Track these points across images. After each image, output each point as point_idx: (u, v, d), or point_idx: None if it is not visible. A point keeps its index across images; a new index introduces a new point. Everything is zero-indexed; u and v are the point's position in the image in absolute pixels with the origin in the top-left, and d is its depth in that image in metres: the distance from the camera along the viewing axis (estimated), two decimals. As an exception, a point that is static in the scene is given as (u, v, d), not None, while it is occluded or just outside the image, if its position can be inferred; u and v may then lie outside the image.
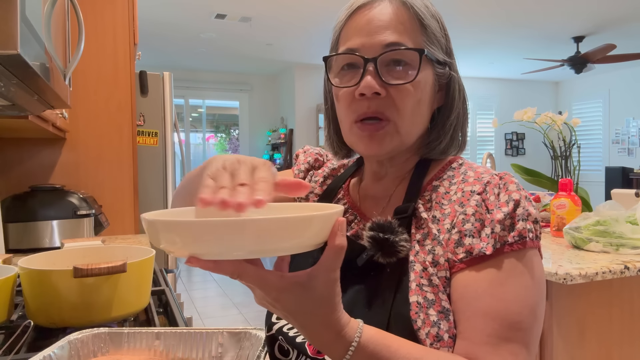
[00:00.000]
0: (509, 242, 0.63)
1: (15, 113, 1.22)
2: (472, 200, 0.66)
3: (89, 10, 2.22)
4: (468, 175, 0.71)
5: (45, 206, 1.87)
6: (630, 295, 1.50)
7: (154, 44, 5.83)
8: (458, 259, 0.64)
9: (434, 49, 0.71)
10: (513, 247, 0.63)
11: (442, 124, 0.75)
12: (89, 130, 2.27)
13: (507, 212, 0.64)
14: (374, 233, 0.66)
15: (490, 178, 0.68)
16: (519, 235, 0.63)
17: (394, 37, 0.68)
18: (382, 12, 0.69)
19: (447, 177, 0.73)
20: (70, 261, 1.00)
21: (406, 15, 0.70)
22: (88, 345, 0.67)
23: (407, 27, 0.69)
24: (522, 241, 0.63)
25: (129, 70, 2.33)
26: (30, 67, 0.71)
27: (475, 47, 6.19)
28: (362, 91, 0.68)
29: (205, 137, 8.02)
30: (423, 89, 0.70)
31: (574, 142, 2.36)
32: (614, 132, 7.74)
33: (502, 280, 0.62)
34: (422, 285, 0.64)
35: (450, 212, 0.68)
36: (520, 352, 0.60)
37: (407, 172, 0.76)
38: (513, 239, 0.63)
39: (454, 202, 0.68)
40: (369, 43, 0.68)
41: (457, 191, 0.69)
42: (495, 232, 0.63)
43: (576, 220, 1.71)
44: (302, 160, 0.90)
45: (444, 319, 0.62)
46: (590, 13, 4.89)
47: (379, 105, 0.68)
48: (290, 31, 5.41)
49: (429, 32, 0.71)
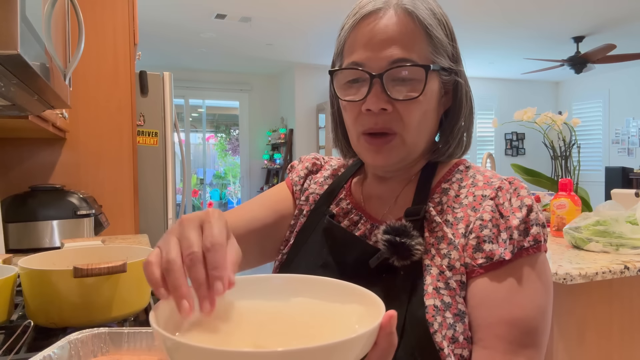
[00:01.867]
0: (526, 247, 0.64)
1: (15, 113, 1.22)
2: (485, 205, 0.67)
3: (89, 10, 2.22)
4: (477, 179, 0.72)
5: (45, 206, 1.87)
6: (630, 295, 1.50)
7: (154, 44, 5.83)
8: (477, 264, 0.64)
9: (440, 58, 0.71)
10: (529, 252, 0.64)
11: (450, 129, 0.75)
12: (89, 130, 2.27)
13: (521, 217, 0.65)
14: (390, 237, 0.66)
15: (501, 183, 0.69)
16: (534, 240, 0.65)
17: (400, 52, 0.67)
18: (388, 24, 0.68)
19: (456, 180, 0.73)
20: (70, 261, 1.00)
21: (411, 27, 0.69)
22: (88, 345, 0.67)
23: (413, 40, 0.68)
24: (537, 245, 0.65)
25: (129, 70, 2.33)
26: (30, 67, 0.71)
27: (475, 47, 6.19)
28: (369, 107, 0.68)
29: (205, 137, 8.02)
30: (429, 100, 0.71)
31: (574, 142, 2.36)
32: (614, 132, 7.74)
33: (520, 286, 0.63)
34: (439, 288, 0.64)
35: (464, 216, 0.68)
36: (535, 356, 0.62)
37: (413, 174, 0.77)
38: (529, 243, 0.64)
39: (466, 207, 0.69)
40: (374, 58, 0.68)
41: (468, 195, 0.70)
42: (514, 237, 0.64)
43: (576, 220, 1.71)
44: (300, 167, 0.91)
45: (460, 321, 0.63)
46: (590, 13, 4.89)
47: (385, 121, 0.69)
48: (290, 31, 5.41)
49: (435, 42, 0.70)
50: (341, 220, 0.78)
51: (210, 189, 8.56)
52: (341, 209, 0.80)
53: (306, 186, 0.87)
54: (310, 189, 0.86)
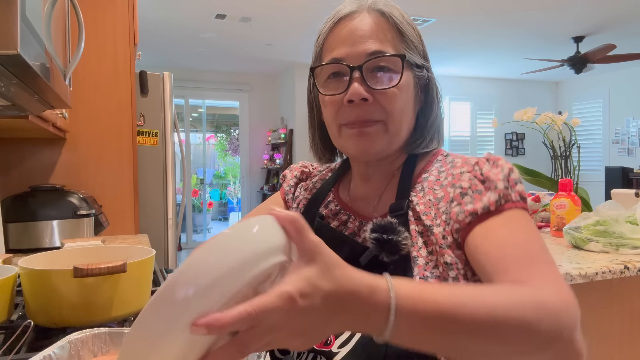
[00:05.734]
0: (512, 200, 0.65)
1: (15, 113, 1.22)
2: (463, 177, 0.69)
3: (89, 10, 2.22)
4: (455, 162, 0.74)
5: (45, 206, 1.87)
6: (630, 295, 1.50)
7: (154, 44, 5.83)
8: (467, 223, 0.65)
9: (412, 54, 0.76)
10: (516, 205, 0.65)
11: (424, 123, 0.79)
12: (89, 130, 2.27)
13: (504, 176, 0.67)
14: (378, 235, 0.69)
15: (478, 159, 0.71)
16: (520, 196, 0.66)
17: (376, 45, 0.72)
18: (363, 22, 0.74)
19: (435, 168, 0.76)
20: (70, 261, 1.00)
21: (385, 25, 0.74)
22: (88, 345, 0.67)
23: (388, 36, 0.74)
24: (523, 201, 0.66)
25: (129, 70, 2.33)
26: (30, 67, 0.71)
27: (476, 47, 6.19)
28: (351, 97, 0.71)
29: (205, 137, 8.02)
30: (407, 92, 0.74)
31: (574, 142, 2.36)
32: (613, 132, 7.74)
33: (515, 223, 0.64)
34: (427, 277, 0.67)
35: (444, 195, 0.70)
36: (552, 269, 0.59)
37: (395, 169, 0.80)
38: (515, 197, 0.66)
39: (446, 186, 0.71)
40: (353, 52, 0.72)
41: (448, 176, 0.73)
42: (499, 188, 0.65)
43: (576, 220, 1.71)
44: (290, 176, 0.94)
45: None
46: (590, 13, 4.89)
47: (366, 112, 0.72)
48: (290, 31, 5.41)
49: (407, 39, 0.75)
50: (331, 221, 0.81)
51: (210, 189, 8.56)
52: (330, 210, 0.83)
53: (297, 194, 0.91)
54: (301, 196, 0.90)
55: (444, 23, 5.13)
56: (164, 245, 2.67)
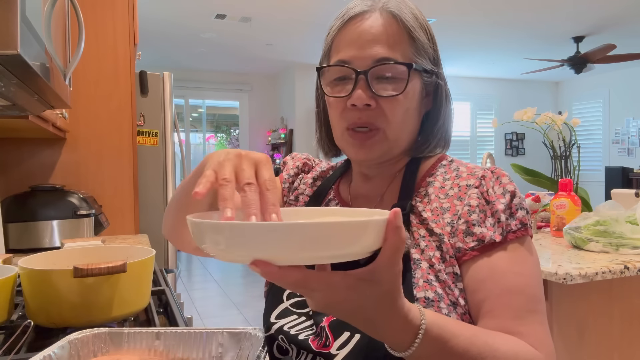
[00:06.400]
0: (513, 230, 0.68)
1: (15, 113, 1.22)
2: (470, 193, 0.70)
3: (89, 10, 2.22)
4: (461, 171, 0.75)
5: (45, 206, 1.87)
6: (630, 296, 1.50)
7: (154, 44, 5.83)
8: (469, 247, 0.68)
9: (421, 59, 0.74)
10: (517, 234, 0.68)
11: (430, 128, 0.79)
12: (89, 130, 2.27)
13: (506, 202, 0.69)
14: None
15: (484, 173, 0.72)
16: (521, 223, 0.69)
17: (384, 51, 0.71)
18: (373, 25, 0.72)
19: (440, 174, 0.77)
20: (70, 261, 1.00)
21: (396, 28, 0.72)
22: (88, 345, 0.67)
23: (397, 41, 0.72)
24: (524, 228, 0.69)
25: (129, 70, 2.33)
26: (30, 67, 0.71)
27: (476, 47, 6.19)
28: (354, 102, 0.71)
29: (205, 137, 8.02)
30: (411, 98, 0.74)
31: (574, 142, 2.35)
32: (613, 132, 7.74)
33: (516, 260, 0.67)
34: (430, 281, 0.67)
35: (450, 206, 0.71)
36: (543, 320, 0.66)
37: (397, 171, 0.80)
38: (516, 226, 0.68)
39: (452, 197, 0.72)
40: (360, 56, 0.71)
41: (453, 186, 0.73)
42: (501, 221, 0.68)
43: (576, 220, 1.71)
44: (291, 165, 0.93)
45: (453, 311, 0.66)
46: (590, 13, 4.89)
47: (369, 116, 0.72)
48: (290, 31, 5.41)
49: (417, 44, 0.74)
50: None
51: (210, 189, 8.54)
52: None
53: (296, 185, 0.90)
54: (300, 189, 0.89)
55: (444, 23, 5.13)
56: (164, 245, 2.67)
